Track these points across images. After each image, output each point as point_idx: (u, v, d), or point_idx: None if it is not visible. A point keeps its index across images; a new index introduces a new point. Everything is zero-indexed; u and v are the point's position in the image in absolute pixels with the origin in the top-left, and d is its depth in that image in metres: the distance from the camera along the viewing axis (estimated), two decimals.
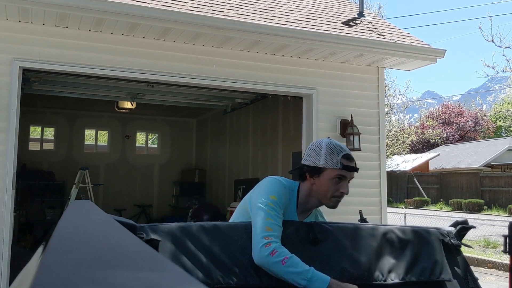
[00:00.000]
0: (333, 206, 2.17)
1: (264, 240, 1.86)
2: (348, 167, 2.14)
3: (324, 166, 2.11)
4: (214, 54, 5.33)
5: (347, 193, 2.15)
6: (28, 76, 5.47)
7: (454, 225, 2.24)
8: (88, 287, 0.36)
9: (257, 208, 1.98)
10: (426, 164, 29.02)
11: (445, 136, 35.60)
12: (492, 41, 11.52)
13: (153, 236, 1.79)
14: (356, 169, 2.19)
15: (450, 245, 2.15)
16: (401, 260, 2.02)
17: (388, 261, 2.00)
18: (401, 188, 27.49)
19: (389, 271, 1.98)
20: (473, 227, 2.30)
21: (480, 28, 11.80)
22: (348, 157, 2.16)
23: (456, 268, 2.11)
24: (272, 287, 1.85)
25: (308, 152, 2.18)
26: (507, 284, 2.40)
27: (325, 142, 2.16)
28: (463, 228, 2.21)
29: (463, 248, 2.22)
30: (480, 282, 2.28)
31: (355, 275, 1.92)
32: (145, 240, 1.76)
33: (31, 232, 8.76)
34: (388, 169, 23.62)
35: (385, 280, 1.95)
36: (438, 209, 22.86)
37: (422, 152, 32.98)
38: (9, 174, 4.42)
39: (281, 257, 1.84)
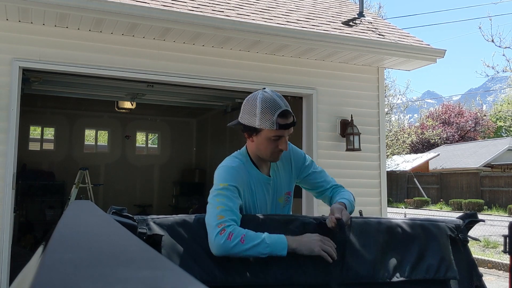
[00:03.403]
0: (274, 161, 2.18)
1: (218, 228, 1.80)
2: (284, 126, 2.04)
3: (260, 127, 2.04)
4: (214, 54, 5.33)
5: (286, 150, 2.11)
6: (28, 76, 5.47)
7: (463, 217, 2.18)
8: (88, 286, 0.37)
9: (208, 205, 1.94)
10: (426, 164, 29.03)
11: (445, 136, 35.61)
12: (492, 41, 11.52)
13: (156, 230, 1.76)
14: (293, 124, 2.09)
15: (458, 239, 2.09)
16: (407, 257, 1.98)
17: (394, 258, 1.96)
18: (401, 188, 27.50)
19: (395, 269, 1.93)
20: (482, 220, 2.25)
21: (480, 28, 11.80)
22: (284, 114, 2.04)
23: (462, 264, 2.05)
24: (277, 285, 1.82)
25: (244, 110, 2.11)
26: (507, 284, 2.38)
27: (260, 99, 2.04)
28: (471, 221, 2.16)
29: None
30: None
31: (361, 273, 1.88)
32: (147, 235, 1.73)
33: (31, 232, 8.76)
34: (388, 169, 23.62)
35: (390, 279, 1.91)
36: (438, 209, 22.87)
37: (422, 152, 32.99)
38: (9, 174, 4.42)
39: (239, 237, 1.79)
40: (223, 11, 5.09)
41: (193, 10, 4.82)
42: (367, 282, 1.89)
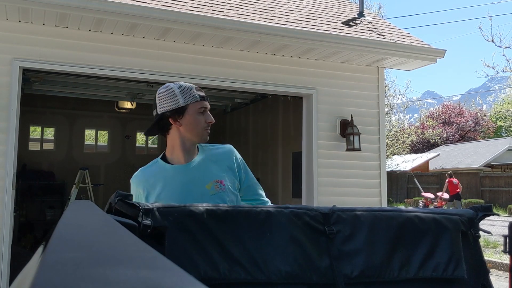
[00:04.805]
0: (206, 139, 2.20)
1: None
2: (204, 97, 2.17)
3: (185, 103, 2.10)
4: (214, 54, 5.33)
5: (213, 122, 2.19)
6: (28, 76, 5.47)
7: (477, 209, 2.07)
8: (88, 286, 0.37)
9: None
10: (426, 164, 29.03)
11: (445, 136, 35.62)
12: (492, 41, 11.52)
13: (160, 221, 1.67)
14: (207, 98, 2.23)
15: (470, 234, 2.00)
16: (416, 254, 1.90)
17: (402, 256, 1.88)
18: (401, 188, 27.50)
19: (402, 267, 1.86)
20: (497, 214, 2.19)
21: (480, 28, 11.80)
22: (200, 89, 2.18)
23: (471, 261, 1.98)
24: (280, 283, 1.77)
25: (161, 100, 2.14)
26: (507, 284, 2.33)
27: (173, 84, 2.15)
28: (484, 215, 2.05)
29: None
30: None
31: (367, 273, 1.82)
32: (152, 227, 1.63)
33: (31, 232, 8.76)
34: (388, 169, 23.64)
35: (397, 277, 1.84)
36: None
37: (422, 152, 32.99)
38: (9, 174, 4.42)
39: None
40: (223, 11, 5.09)
41: (193, 10, 4.82)
42: (374, 281, 1.85)
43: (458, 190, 17.12)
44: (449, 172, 18.18)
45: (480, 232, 2.07)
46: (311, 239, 1.83)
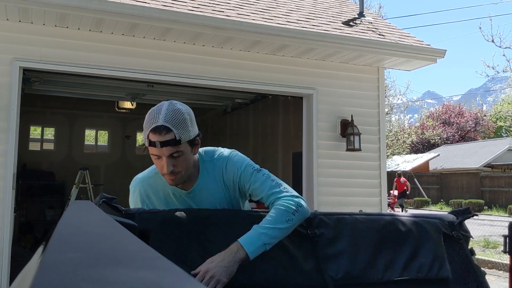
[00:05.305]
0: (173, 185, 1.83)
1: None
2: (154, 143, 1.67)
3: (143, 141, 1.75)
4: (214, 54, 5.33)
5: (167, 172, 1.72)
6: (28, 76, 5.47)
7: (456, 213, 2.15)
8: (88, 286, 0.37)
9: None
10: (426, 164, 29.02)
11: (445, 136, 35.62)
12: (492, 41, 11.53)
13: (143, 226, 1.65)
14: (168, 143, 1.66)
15: (451, 236, 2.05)
16: (399, 256, 1.93)
17: (385, 257, 1.92)
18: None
19: (386, 268, 1.89)
20: (476, 215, 2.24)
21: (480, 28, 11.81)
22: (157, 129, 1.65)
23: (456, 263, 2.01)
24: (264, 286, 1.77)
25: None
26: (507, 284, 2.33)
27: (149, 112, 1.72)
28: (464, 218, 2.12)
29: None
30: None
31: (351, 274, 1.84)
32: (138, 230, 1.60)
33: (31, 232, 8.77)
34: (388, 169, 23.64)
35: (381, 278, 1.87)
36: (439, 209, 22.87)
37: (422, 152, 33.00)
38: (9, 174, 4.42)
39: None
40: (223, 11, 5.09)
41: (193, 10, 4.82)
42: (359, 283, 1.86)
43: (405, 188, 18.34)
44: (398, 172, 19.30)
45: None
46: (295, 243, 1.83)
